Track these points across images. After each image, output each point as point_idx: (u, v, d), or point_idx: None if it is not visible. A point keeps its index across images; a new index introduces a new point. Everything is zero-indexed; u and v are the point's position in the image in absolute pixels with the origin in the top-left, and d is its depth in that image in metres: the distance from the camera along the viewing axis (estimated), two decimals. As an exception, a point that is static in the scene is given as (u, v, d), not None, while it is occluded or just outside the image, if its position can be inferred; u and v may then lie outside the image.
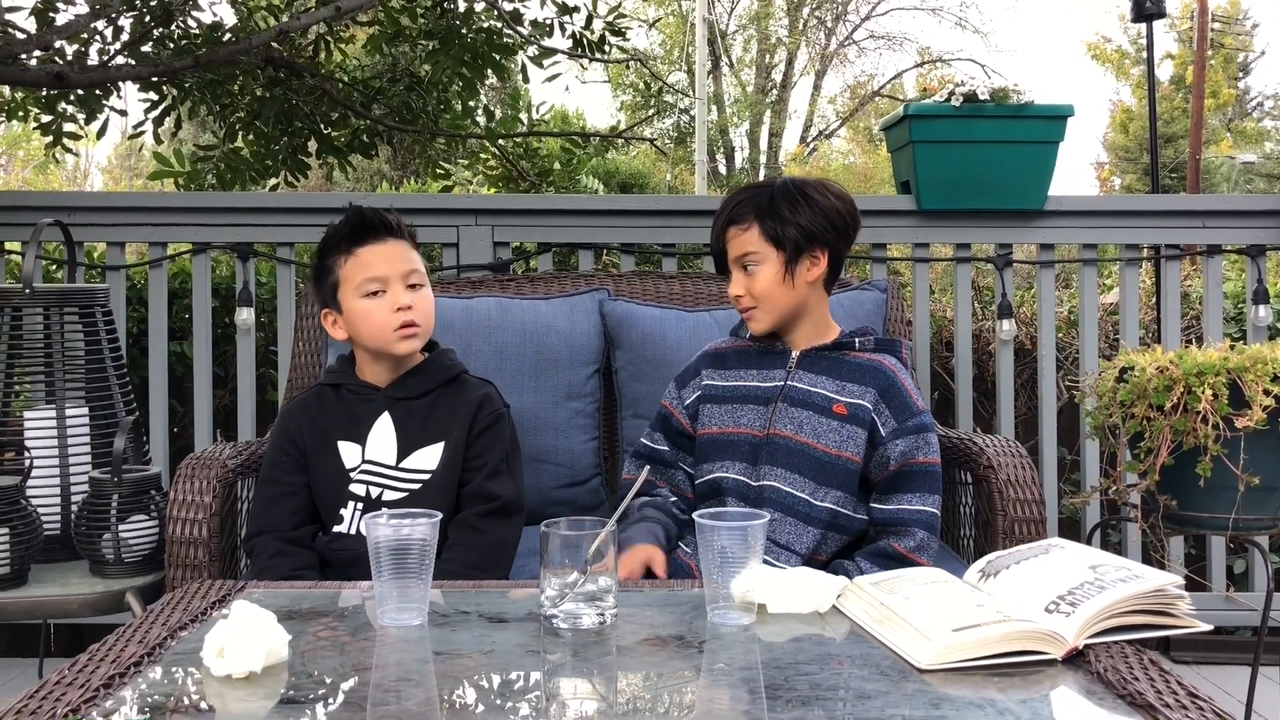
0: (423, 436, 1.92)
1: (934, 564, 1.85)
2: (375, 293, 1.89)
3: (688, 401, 2.02)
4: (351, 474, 1.91)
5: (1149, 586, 1.29)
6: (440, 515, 1.40)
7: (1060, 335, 3.45)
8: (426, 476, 1.90)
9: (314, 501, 1.93)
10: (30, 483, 2.05)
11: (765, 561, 1.76)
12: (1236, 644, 3.05)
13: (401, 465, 1.90)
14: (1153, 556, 2.66)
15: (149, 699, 1.13)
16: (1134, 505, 2.12)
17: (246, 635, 1.19)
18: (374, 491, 1.90)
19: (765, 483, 1.86)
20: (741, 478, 1.89)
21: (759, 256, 1.88)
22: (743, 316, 1.94)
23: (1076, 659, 1.22)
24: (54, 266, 3.07)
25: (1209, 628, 1.32)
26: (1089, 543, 2.28)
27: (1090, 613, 1.25)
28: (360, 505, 1.89)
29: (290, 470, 1.94)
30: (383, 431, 1.93)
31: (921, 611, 1.29)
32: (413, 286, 1.92)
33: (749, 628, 1.35)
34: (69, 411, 2.14)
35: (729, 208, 1.92)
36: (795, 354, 1.93)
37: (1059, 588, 1.31)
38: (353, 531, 1.88)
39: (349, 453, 1.92)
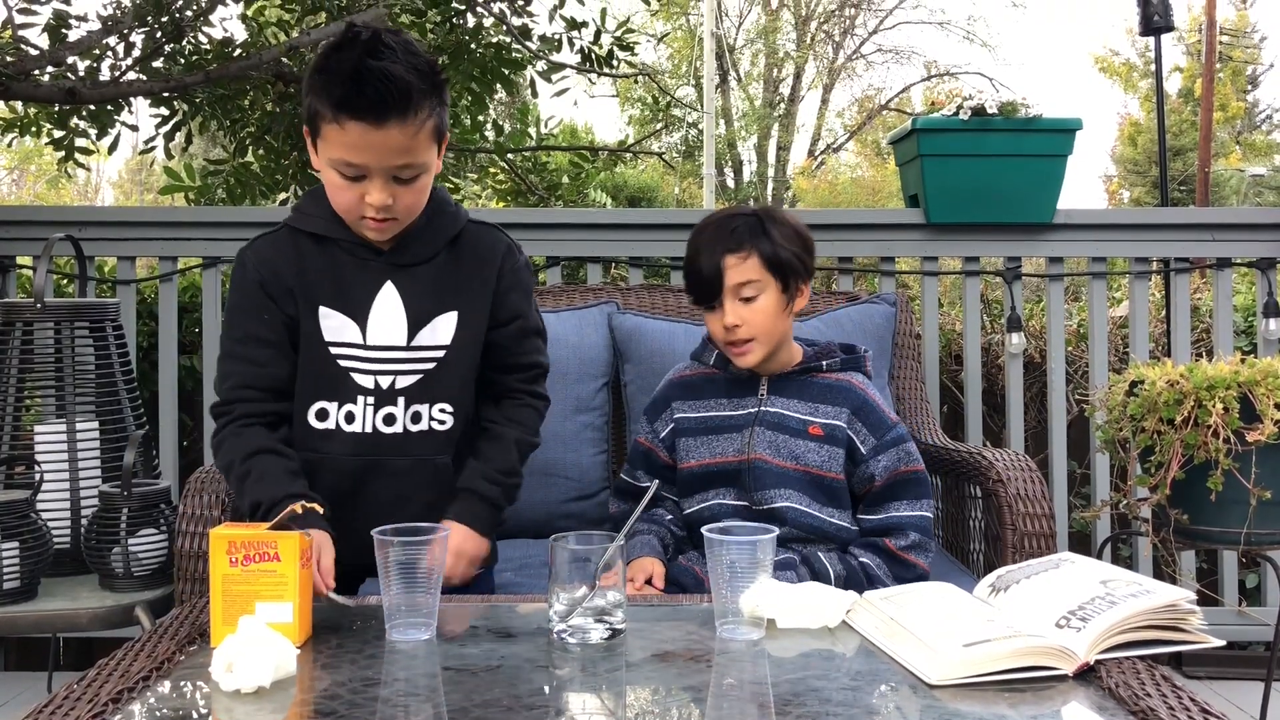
0: (434, 306, 1.68)
1: (932, 567, 1.84)
2: (350, 176, 1.56)
3: (662, 435, 1.97)
4: (333, 350, 1.66)
5: (1160, 602, 1.28)
6: (448, 530, 1.39)
7: (1070, 348, 3.44)
8: (440, 353, 1.69)
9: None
10: (40, 497, 2.06)
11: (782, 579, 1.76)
12: (1249, 659, 3.03)
13: (413, 344, 1.67)
14: (1164, 571, 2.64)
15: (158, 714, 1.13)
16: (1145, 519, 2.11)
17: (255, 650, 1.18)
18: (384, 381, 1.67)
19: (768, 506, 1.83)
20: (740, 503, 1.86)
21: (760, 285, 1.81)
22: (733, 351, 1.86)
23: (1088, 674, 1.22)
24: (65, 281, 3.08)
25: (1221, 643, 1.31)
26: (1099, 557, 2.28)
27: (1101, 628, 1.24)
28: (372, 399, 1.67)
29: (273, 328, 1.66)
30: (388, 306, 1.66)
31: (931, 626, 1.28)
32: (401, 179, 1.57)
33: (758, 643, 1.34)
34: (79, 425, 2.14)
35: (725, 234, 1.83)
36: (765, 380, 1.91)
37: (1070, 603, 1.31)
38: (367, 430, 1.67)
39: (333, 325, 1.66)
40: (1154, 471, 2.00)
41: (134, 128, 4.23)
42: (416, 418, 1.70)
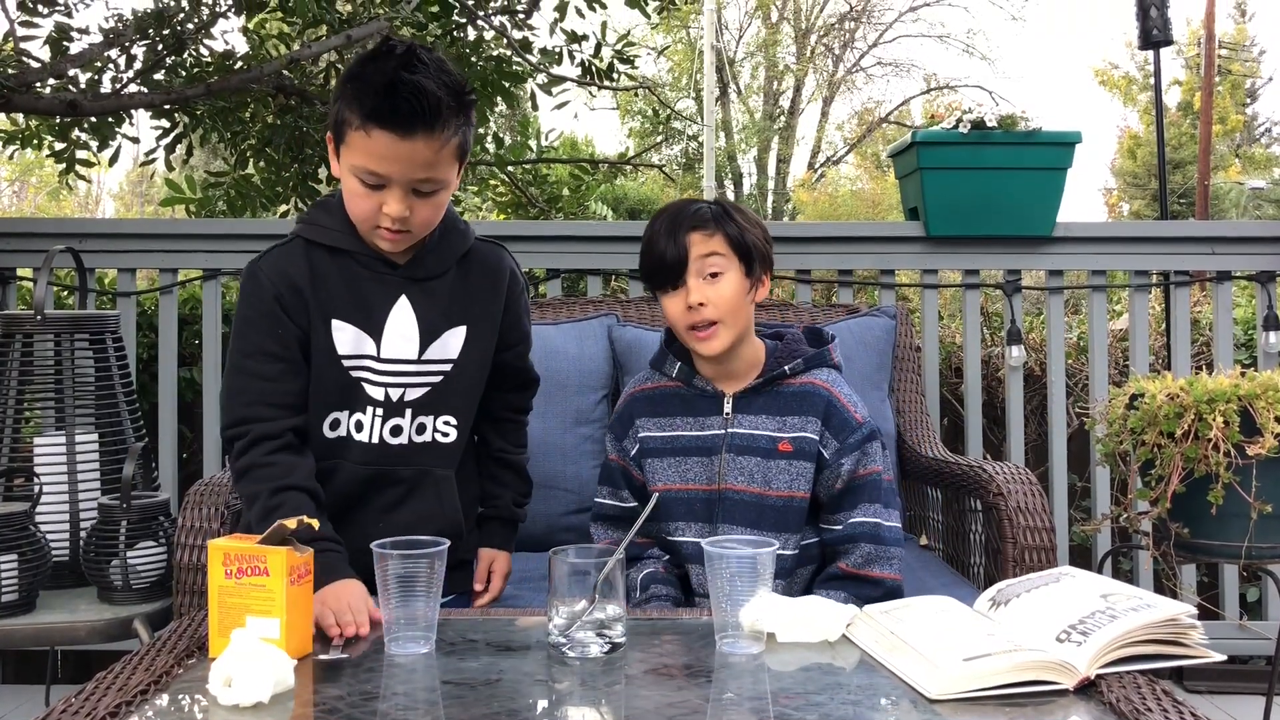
0: (445, 321, 1.71)
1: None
2: (371, 185, 1.57)
3: (631, 453, 1.91)
4: (346, 363, 1.67)
5: (1161, 616, 1.28)
6: (448, 543, 1.39)
7: (1070, 361, 3.45)
8: (447, 368, 1.71)
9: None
10: (39, 509, 2.05)
11: None
12: (1250, 673, 3.02)
13: (423, 357, 1.70)
14: (1165, 584, 2.64)
15: (155, 727, 1.12)
16: (1145, 533, 2.11)
17: (254, 665, 1.18)
18: (394, 393, 1.69)
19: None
20: (699, 540, 1.77)
21: (725, 263, 1.77)
22: (697, 336, 1.78)
23: (1088, 689, 1.21)
24: (65, 293, 3.08)
25: (1222, 658, 1.31)
26: (1100, 571, 2.27)
27: (1102, 642, 1.24)
28: (381, 410, 1.69)
29: (286, 343, 1.65)
30: (402, 320, 1.68)
31: (931, 641, 1.28)
32: (421, 193, 1.59)
33: (758, 657, 1.34)
34: (78, 437, 2.14)
35: (688, 216, 1.79)
36: (730, 396, 1.84)
37: (1070, 617, 1.30)
38: (374, 440, 1.69)
39: (346, 338, 1.67)
40: (1154, 485, 2.00)
41: (135, 140, 4.24)
42: (421, 429, 1.72)
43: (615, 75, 4.85)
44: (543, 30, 4.67)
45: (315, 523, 1.38)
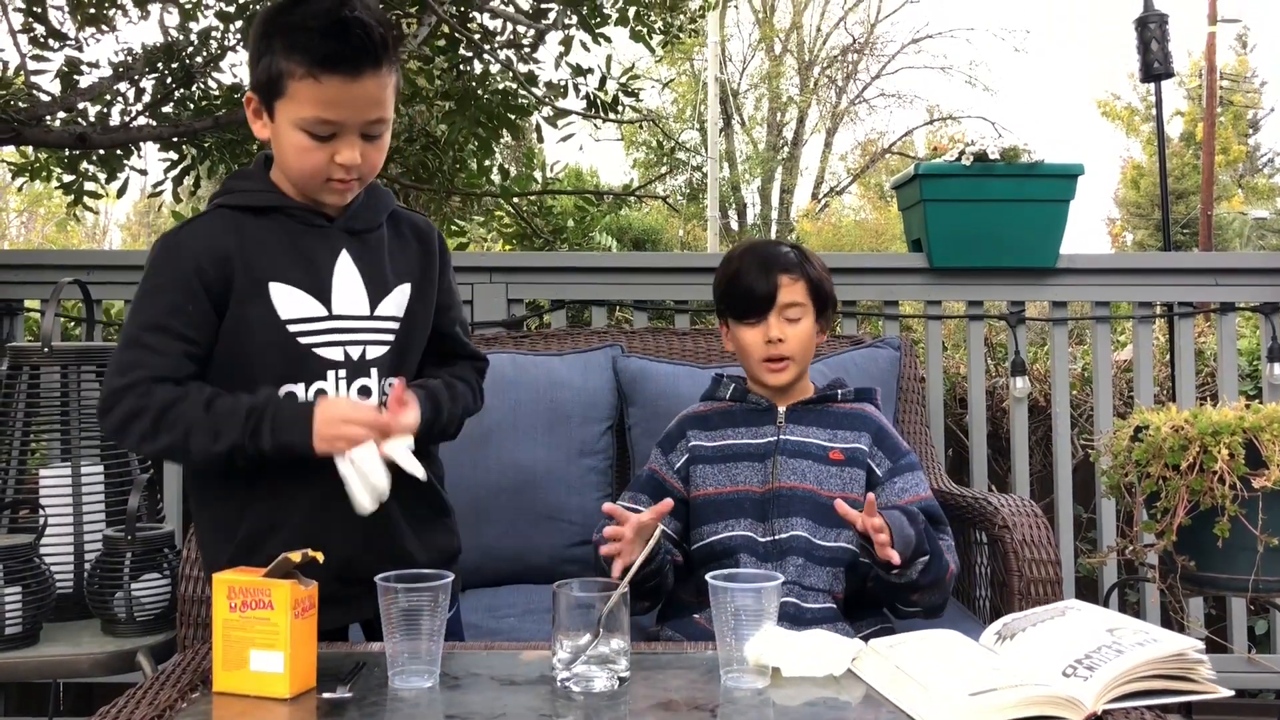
0: (392, 277, 1.63)
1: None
2: (322, 136, 1.50)
3: (677, 465, 1.99)
4: (291, 329, 1.54)
5: (1168, 650, 1.27)
6: (452, 577, 1.39)
7: (1074, 393, 3.44)
8: (397, 325, 1.63)
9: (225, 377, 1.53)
10: (44, 541, 2.05)
11: (799, 608, 1.75)
12: (1260, 708, 2.99)
13: (376, 313, 1.60)
14: (1172, 617, 2.62)
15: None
16: (1152, 566, 2.10)
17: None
18: (354, 351, 1.58)
19: (781, 535, 1.86)
20: (750, 534, 1.87)
21: (803, 310, 1.94)
22: (770, 367, 1.93)
23: (1095, 725, 1.21)
24: (73, 324, 3.09)
25: (1230, 693, 1.30)
26: (1106, 603, 2.26)
27: (1109, 677, 1.23)
28: (344, 371, 1.57)
29: (196, 324, 1.52)
30: (347, 274, 1.59)
31: (937, 675, 1.27)
32: (369, 136, 1.52)
33: (763, 691, 1.33)
34: (84, 469, 2.14)
35: (776, 256, 1.95)
36: (783, 409, 1.97)
37: (1076, 651, 1.30)
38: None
39: (288, 301, 1.55)
40: (1160, 517, 2.00)
41: (143, 172, 4.27)
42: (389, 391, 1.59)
43: (620, 108, 4.89)
44: (548, 64, 4.73)
45: (320, 556, 1.37)
